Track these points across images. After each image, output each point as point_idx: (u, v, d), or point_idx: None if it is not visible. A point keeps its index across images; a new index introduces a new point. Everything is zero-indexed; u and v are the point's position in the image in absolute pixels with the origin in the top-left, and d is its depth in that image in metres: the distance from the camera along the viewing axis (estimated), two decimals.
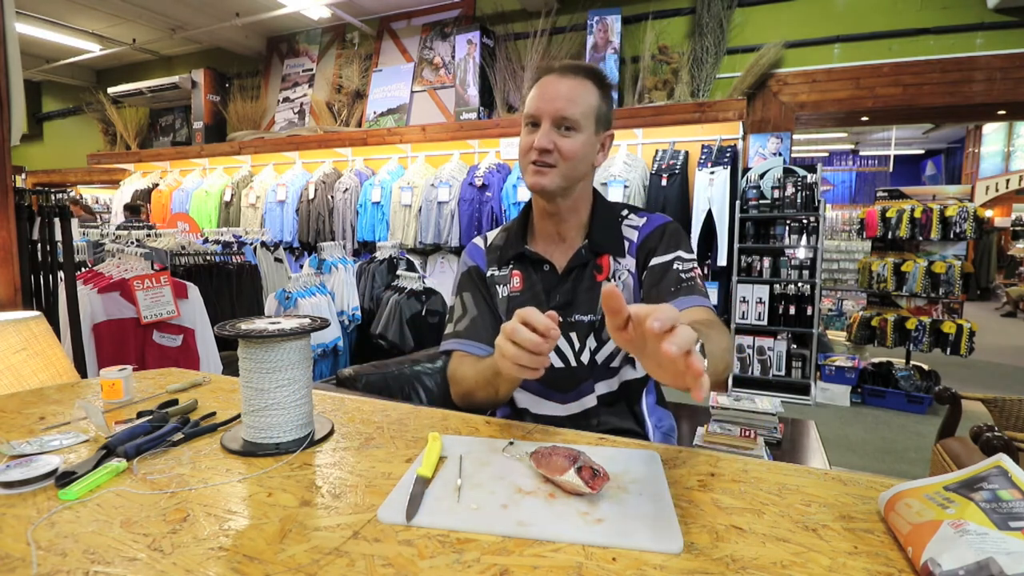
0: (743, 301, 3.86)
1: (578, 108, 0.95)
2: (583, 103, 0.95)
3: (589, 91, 0.97)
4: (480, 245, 1.13)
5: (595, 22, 4.13)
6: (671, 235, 1.01)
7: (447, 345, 1.06)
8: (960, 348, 3.74)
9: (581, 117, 0.95)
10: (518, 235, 1.07)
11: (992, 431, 1.44)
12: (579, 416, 1.02)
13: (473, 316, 1.05)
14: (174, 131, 6.50)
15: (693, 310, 0.91)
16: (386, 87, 5.07)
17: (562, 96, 0.94)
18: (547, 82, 0.97)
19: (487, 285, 1.08)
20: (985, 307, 9.18)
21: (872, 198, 5.80)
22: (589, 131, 0.97)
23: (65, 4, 5.04)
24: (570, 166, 0.96)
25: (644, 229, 1.03)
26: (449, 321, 1.08)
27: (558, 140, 0.94)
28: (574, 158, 0.96)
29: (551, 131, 0.95)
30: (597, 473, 0.58)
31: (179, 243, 2.81)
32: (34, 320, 1.38)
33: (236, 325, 0.74)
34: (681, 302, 0.92)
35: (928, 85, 3.71)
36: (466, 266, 1.12)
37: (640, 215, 1.06)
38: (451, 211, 4.21)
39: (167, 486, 0.61)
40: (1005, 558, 0.40)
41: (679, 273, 0.96)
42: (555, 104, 0.94)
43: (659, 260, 0.98)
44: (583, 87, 0.96)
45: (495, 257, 1.09)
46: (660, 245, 1.00)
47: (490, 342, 1.03)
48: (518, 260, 1.07)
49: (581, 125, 0.95)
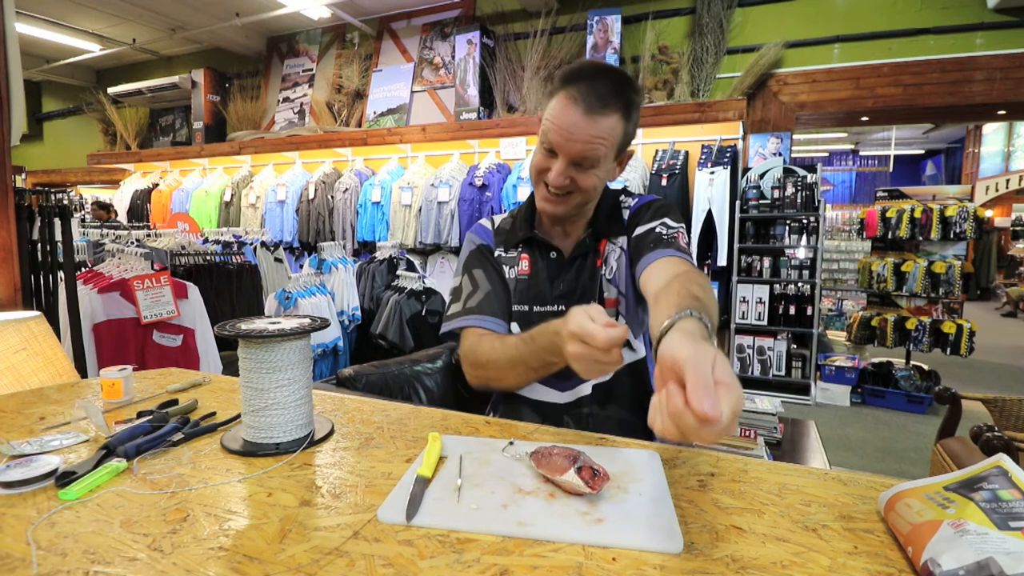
0: (743, 301, 3.86)
1: (601, 149, 0.89)
2: (608, 142, 0.89)
3: (615, 126, 0.89)
4: (487, 226, 1.12)
5: (595, 22, 4.13)
6: (658, 208, 1.01)
7: (457, 323, 1.01)
8: (960, 348, 3.74)
9: (603, 155, 0.90)
10: (526, 220, 1.06)
11: (992, 431, 1.44)
12: (573, 404, 1.01)
13: (487, 291, 1.02)
14: (174, 131, 6.50)
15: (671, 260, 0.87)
16: (386, 87, 5.07)
17: (585, 139, 0.87)
18: (571, 115, 0.87)
19: (498, 263, 1.07)
20: (985, 307, 9.18)
21: (872, 198, 5.82)
22: (609, 160, 0.93)
23: (65, 4, 5.04)
24: (585, 196, 0.95)
25: (634, 207, 1.04)
26: (455, 300, 1.04)
27: (576, 175, 0.91)
28: (591, 190, 0.94)
29: (568, 168, 0.90)
30: (597, 473, 0.58)
31: (179, 243, 2.81)
32: (34, 320, 1.38)
33: (236, 325, 0.74)
34: (657, 253, 0.89)
35: (928, 85, 3.71)
36: (474, 244, 1.10)
37: (634, 197, 1.07)
38: (451, 211, 4.21)
39: (167, 486, 0.61)
40: (1005, 558, 0.40)
41: (660, 234, 0.94)
42: (577, 146, 0.88)
43: (644, 227, 0.97)
44: (610, 124, 0.88)
45: (503, 239, 1.09)
46: (646, 216, 1.00)
47: (505, 317, 1.02)
48: (527, 244, 1.06)
49: (601, 162, 0.91)
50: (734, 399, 0.44)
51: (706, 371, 0.45)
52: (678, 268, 0.83)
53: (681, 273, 0.79)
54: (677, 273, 0.80)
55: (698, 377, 0.44)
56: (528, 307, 1.03)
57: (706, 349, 0.47)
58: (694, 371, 0.45)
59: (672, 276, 0.79)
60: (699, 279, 0.76)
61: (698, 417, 0.42)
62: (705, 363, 0.45)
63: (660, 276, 0.83)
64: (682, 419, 0.44)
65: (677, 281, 0.74)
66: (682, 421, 0.44)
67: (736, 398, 0.44)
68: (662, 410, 0.46)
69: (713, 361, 0.46)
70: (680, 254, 0.89)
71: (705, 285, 0.74)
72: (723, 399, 0.43)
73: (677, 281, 0.74)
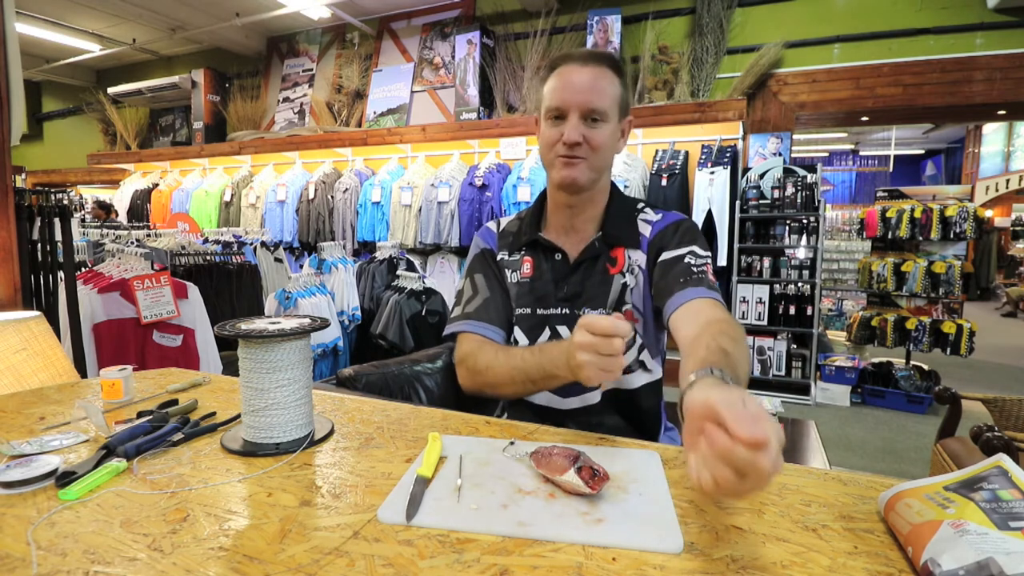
0: (743, 301, 3.86)
1: (605, 98, 0.94)
2: (609, 93, 0.94)
3: (611, 79, 0.95)
4: (493, 229, 1.12)
5: (595, 22, 4.13)
6: (686, 231, 0.99)
7: (456, 327, 1.03)
8: (960, 348, 3.74)
9: (608, 107, 0.94)
10: (532, 223, 1.07)
11: (992, 431, 1.44)
12: (579, 412, 1.01)
13: (485, 297, 1.04)
14: (174, 131, 6.50)
15: (703, 303, 0.86)
16: (386, 87, 5.07)
17: (588, 87, 0.93)
18: (570, 72, 0.94)
19: (499, 268, 1.08)
20: (985, 307, 9.18)
21: (872, 198, 5.82)
22: (614, 120, 0.96)
23: (65, 4, 5.04)
24: (599, 157, 0.96)
25: (658, 225, 1.01)
26: (457, 304, 1.06)
27: (587, 132, 0.93)
28: (603, 149, 0.95)
29: (580, 124, 0.93)
30: (597, 473, 0.58)
31: (179, 243, 2.81)
32: (34, 320, 1.38)
33: (236, 325, 0.74)
34: (688, 292, 0.88)
35: (928, 85, 3.71)
36: (478, 248, 1.11)
37: (656, 212, 1.04)
38: (451, 211, 4.21)
39: (167, 486, 0.61)
40: (1005, 558, 0.40)
41: (690, 266, 0.92)
42: (583, 96, 0.92)
43: (671, 254, 0.95)
44: (606, 76, 0.95)
45: (507, 242, 1.09)
46: (673, 240, 0.97)
47: (502, 324, 1.03)
48: (530, 247, 1.06)
49: (608, 115, 0.94)
50: (775, 428, 0.43)
51: (740, 406, 0.44)
52: (710, 314, 0.82)
53: (713, 322, 0.79)
54: (709, 321, 0.80)
55: (735, 411, 0.43)
56: (531, 310, 1.02)
57: (734, 389, 0.47)
58: (729, 407, 0.44)
59: (704, 325, 0.79)
60: (731, 331, 0.75)
61: (748, 444, 0.41)
62: (738, 401, 0.45)
63: (692, 323, 0.82)
64: (733, 454, 0.42)
65: (707, 333, 0.74)
66: (733, 456, 0.42)
67: (776, 428, 0.43)
68: (707, 459, 0.44)
69: (744, 399, 0.45)
70: (711, 294, 0.88)
71: (737, 336, 0.74)
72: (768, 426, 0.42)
73: (707, 333, 0.74)
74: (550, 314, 1.01)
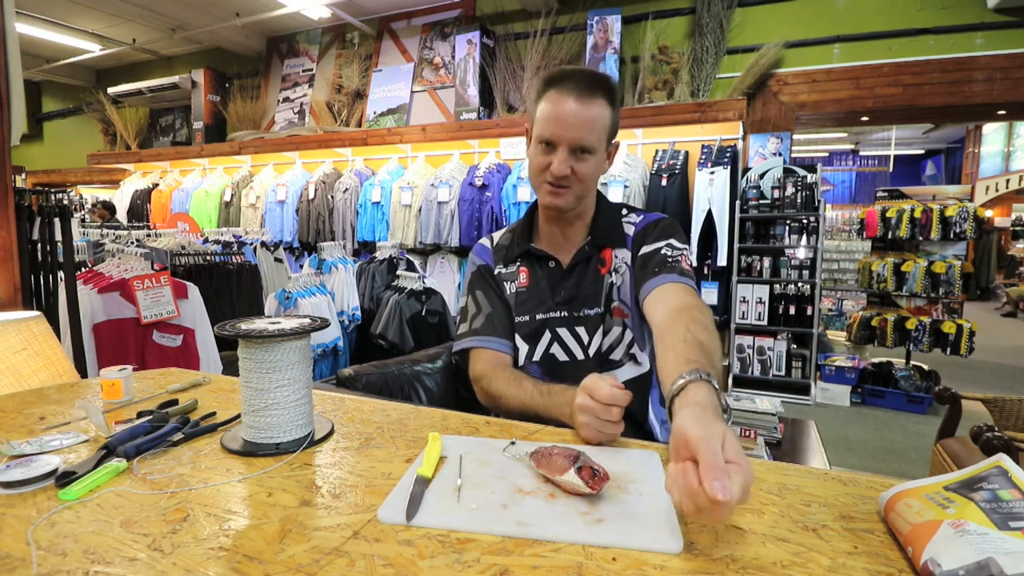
0: (743, 301, 3.86)
1: (595, 133, 0.96)
2: (599, 126, 0.97)
3: (603, 109, 0.97)
4: (487, 245, 1.17)
5: (595, 22, 4.13)
6: (664, 227, 1.05)
7: (466, 343, 1.08)
8: (960, 348, 3.74)
9: (596, 142, 0.97)
10: (524, 235, 1.11)
11: (992, 431, 1.44)
12: None
13: (488, 313, 1.08)
14: (174, 131, 6.50)
15: (674, 287, 0.91)
16: (386, 87, 5.06)
17: (580, 124, 0.95)
18: (563, 105, 0.95)
19: (497, 282, 1.12)
20: (985, 307, 9.18)
21: (872, 198, 5.81)
22: (602, 149, 1.00)
23: (65, 4, 5.04)
24: (584, 186, 1.00)
25: (640, 224, 1.07)
26: (463, 321, 1.11)
27: (575, 165, 0.97)
28: (589, 179, 1.00)
29: (568, 157, 0.96)
30: (597, 473, 0.58)
31: (179, 243, 2.81)
32: (34, 320, 1.38)
33: (236, 325, 0.74)
34: (662, 278, 0.94)
35: (928, 85, 3.71)
36: (475, 265, 1.15)
37: (639, 214, 1.10)
38: (451, 211, 4.21)
39: (167, 486, 0.61)
40: (1005, 558, 0.40)
41: (665, 256, 0.98)
42: (574, 133, 0.95)
43: (650, 248, 1.01)
44: (599, 109, 0.96)
45: (501, 256, 1.13)
46: (652, 235, 1.03)
47: (508, 335, 1.08)
48: (524, 257, 1.10)
49: (596, 148, 0.98)
50: (745, 477, 0.46)
51: (717, 450, 0.47)
52: (681, 299, 0.88)
53: (684, 308, 0.84)
54: (680, 307, 0.84)
55: (710, 458, 0.47)
56: (529, 316, 1.07)
57: (716, 429, 0.50)
58: (705, 452, 0.47)
59: (676, 310, 0.83)
60: (702, 317, 0.81)
61: (710, 500, 0.45)
62: (716, 442, 0.48)
63: (664, 306, 0.88)
64: (697, 498, 0.46)
65: (681, 321, 0.78)
66: (697, 500, 0.46)
67: (747, 476, 0.47)
68: (678, 484, 0.48)
69: (723, 440, 0.49)
70: (683, 280, 0.94)
71: (708, 324, 0.79)
72: (734, 479, 0.46)
73: (681, 321, 0.78)
74: (549, 318, 1.05)
